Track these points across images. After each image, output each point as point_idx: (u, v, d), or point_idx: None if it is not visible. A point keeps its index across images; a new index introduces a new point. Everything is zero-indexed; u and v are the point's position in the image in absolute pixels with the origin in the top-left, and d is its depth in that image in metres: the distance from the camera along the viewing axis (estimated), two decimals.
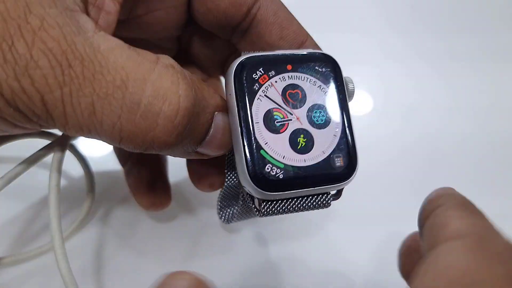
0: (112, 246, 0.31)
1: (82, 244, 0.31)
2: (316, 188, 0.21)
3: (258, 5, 0.23)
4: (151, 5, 0.23)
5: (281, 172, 0.20)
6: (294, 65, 0.21)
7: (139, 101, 0.17)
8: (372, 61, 0.44)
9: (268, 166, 0.20)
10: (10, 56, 0.17)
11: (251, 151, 0.20)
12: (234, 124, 0.20)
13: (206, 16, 0.24)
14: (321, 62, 0.22)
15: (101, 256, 0.31)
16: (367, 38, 0.45)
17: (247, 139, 0.20)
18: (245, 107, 0.20)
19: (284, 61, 0.21)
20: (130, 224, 0.33)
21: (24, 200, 0.32)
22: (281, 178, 0.20)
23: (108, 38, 0.18)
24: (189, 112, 0.18)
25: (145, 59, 0.18)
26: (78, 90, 0.17)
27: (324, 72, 0.22)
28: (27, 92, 0.17)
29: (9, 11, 0.17)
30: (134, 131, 0.18)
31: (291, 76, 0.21)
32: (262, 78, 0.21)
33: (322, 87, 0.21)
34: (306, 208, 0.22)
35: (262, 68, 0.21)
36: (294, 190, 0.20)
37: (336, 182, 0.21)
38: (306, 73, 0.21)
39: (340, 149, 0.21)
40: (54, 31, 0.17)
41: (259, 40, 0.24)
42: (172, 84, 0.18)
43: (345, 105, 0.22)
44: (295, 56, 0.22)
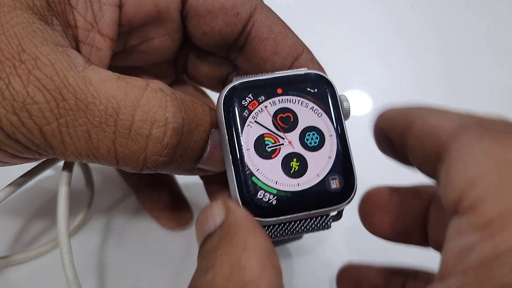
0: (111, 247, 0.32)
1: (82, 243, 0.32)
2: (312, 212, 0.20)
3: (253, 21, 0.23)
4: (145, 34, 0.24)
5: (274, 197, 0.20)
6: (284, 88, 0.21)
7: (130, 126, 0.19)
8: (372, 61, 0.43)
9: (260, 193, 0.20)
10: (7, 94, 0.18)
11: (243, 178, 0.20)
12: (225, 152, 0.21)
13: (202, 39, 0.24)
14: (313, 82, 0.21)
15: (100, 256, 0.31)
16: (367, 38, 0.45)
17: (238, 167, 0.20)
18: (235, 135, 0.20)
19: (274, 85, 0.21)
20: (128, 224, 0.33)
21: (30, 200, 0.33)
22: (274, 204, 0.20)
23: (98, 71, 0.19)
24: (178, 132, 0.19)
25: (134, 86, 0.19)
26: (73, 120, 0.18)
27: (316, 92, 0.21)
28: (26, 125, 0.18)
29: (3, 51, 0.18)
30: (127, 153, 0.19)
31: (281, 99, 0.21)
32: (252, 104, 0.21)
33: (314, 108, 0.21)
34: (305, 231, 0.21)
35: (252, 94, 0.21)
36: (288, 216, 0.20)
37: (333, 205, 0.21)
38: (297, 95, 0.21)
39: (335, 170, 0.21)
40: (47, 69, 0.18)
41: (254, 56, 0.24)
42: (160, 107, 0.19)
43: (340, 125, 0.21)
44: (286, 78, 0.21)
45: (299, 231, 0.21)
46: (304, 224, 0.21)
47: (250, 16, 0.23)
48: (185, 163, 0.21)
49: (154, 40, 0.24)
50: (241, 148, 0.20)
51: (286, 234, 0.21)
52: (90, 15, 0.21)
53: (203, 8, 0.23)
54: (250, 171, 0.20)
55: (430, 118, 0.17)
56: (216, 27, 0.23)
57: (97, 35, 0.22)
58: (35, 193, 0.33)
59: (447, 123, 0.16)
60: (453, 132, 0.16)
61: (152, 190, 0.31)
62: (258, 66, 0.24)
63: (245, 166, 0.20)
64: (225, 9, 0.23)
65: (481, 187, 0.14)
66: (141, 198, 0.32)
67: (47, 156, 0.20)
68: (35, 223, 0.32)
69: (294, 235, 0.22)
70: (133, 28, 0.23)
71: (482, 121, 0.16)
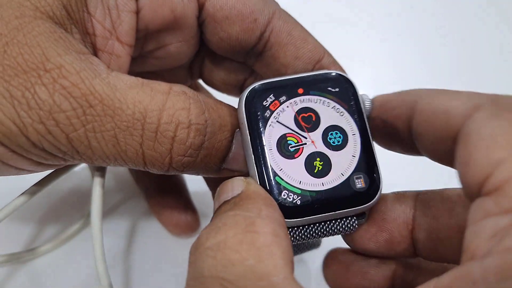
0: (120, 248, 0.32)
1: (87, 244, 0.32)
2: (338, 212, 0.20)
3: (271, 27, 0.23)
4: (161, 40, 0.24)
5: (298, 197, 0.20)
6: (305, 88, 0.21)
7: (156, 129, 0.19)
8: (372, 62, 0.44)
9: (284, 193, 0.20)
10: (33, 103, 0.18)
11: (266, 178, 0.20)
12: (248, 153, 0.21)
13: (219, 45, 0.24)
14: (334, 82, 0.21)
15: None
16: (368, 39, 0.45)
17: (261, 167, 0.20)
18: (257, 135, 0.20)
19: (294, 85, 0.21)
20: (135, 221, 0.33)
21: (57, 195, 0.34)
22: (299, 204, 0.20)
23: (122, 77, 0.20)
24: (200, 133, 0.20)
25: (158, 91, 0.20)
26: (100, 126, 0.19)
27: (337, 92, 0.21)
28: (52, 133, 0.18)
29: (27, 61, 0.18)
30: (155, 155, 0.20)
31: (303, 99, 0.21)
32: (273, 105, 0.21)
33: (336, 107, 0.21)
34: (331, 233, 0.21)
35: (273, 94, 0.21)
36: (313, 216, 0.20)
37: (359, 205, 0.20)
38: (319, 95, 0.21)
39: (360, 169, 0.20)
40: (72, 77, 0.18)
41: (274, 62, 0.24)
42: (183, 109, 0.20)
43: (362, 124, 0.21)
44: (306, 79, 0.22)
45: (324, 233, 0.21)
46: (330, 226, 0.21)
47: (268, 22, 0.23)
48: (210, 163, 0.21)
49: (171, 46, 0.24)
50: (264, 148, 0.20)
51: (311, 236, 0.21)
52: (109, 23, 0.21)
53: (220, 14, 0.23)
54: (273, 170, 0.20)
55: (437, 99, 0.17)
56: (233, 33, 0.23)
57: (116, 42, 0.22)
58: (53, 192, 0.33)
59: (458, 102, 0.16)
60: (466, 111, 0.15)
61: (162, 194, 0.31)
62: (278, 72, 0.24)
63: (268, 166, 0.20)
64: (242, 15, 0.23)
65: (507, 168, 0.13)
66: (150, 202, 0.32)
67: (73, 162, 0.20)
68: (53, 221, 0.33)
69: (320, 237, 0.21)
70: (150, 34, 0.23)
71: (495, 99, 0.15)
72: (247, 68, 0.26)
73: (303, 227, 0.21)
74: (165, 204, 0.31)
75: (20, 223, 0.32)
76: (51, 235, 0.32)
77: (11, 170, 0.20)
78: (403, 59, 0.43)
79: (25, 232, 0.32)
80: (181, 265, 0.31)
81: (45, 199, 0.33)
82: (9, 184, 0.27)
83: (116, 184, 0.34)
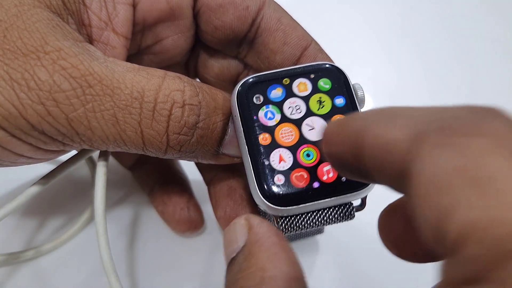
0: (120, 243, 0.32)
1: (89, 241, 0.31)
2: (334, 199, 0.20)
3: (262, 14, 0.24)
4: (159, 34, 0.24)
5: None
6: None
7: (153, 108, 0.20)
8: (372, 62, 0.44)
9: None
10: (33, 84, 0.18)
11: (260, 167, 0.20)
12: (242, 145, 0.21)
13: (214, 34, 0.25)
14: (326, 72, 0.22)
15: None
16: (367, 39, 0.45)
17: (255, 156, 0.20)
18: (250, 127, 0.21)
19: (286, 77, 0.22)
20: (136, 221, 0.33)
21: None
22: (294, 192, 0.20)
23: (118, 62, 0.20)
24: (194, 112, 0.21)
25: (154, 75, 0.20)
26: (100, 105, 0.19)
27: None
28: (52, 114, 0.18)
29: (27, 45, 0.18)
30: (152, 133, 0.20)
31: None
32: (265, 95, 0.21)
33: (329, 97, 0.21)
34: (328, 222, 0.21)
35: (265, 86, 0.21)
36: (309, 203, 0.20)
37: (354, 190, 0.20)
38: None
39: None
40: (71, 59, 0.18)
41: (264, 48, 0.25)
42: (178, 90, 0.20)
43: (355, 112, 0.21)
44: (298, 70, 0.22)
45: (322, 222, 0.21)
46: (327, 214, 0.21)
47: (259, 10, 0.24)
48: (207, 145, 0.22)
49: (168, 40, 0.25)
50: (257, 138, 0.21)
51: (309, 225, 0.21)
52: (105, 14, 0.22)
53: (214, 2, 0.24)
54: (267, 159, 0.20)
55: (380, 129, 0.13)
56: (227, 21, 0.24)
57: (111, 33, 0.22)
58: (54, 188, 0.33)
59: (399, 131, 0.12)
60: (408, 143, 0.12)
61: (165, 193, 0.31)
62: (268, 59, 0.25)
63: (261, 154, 0.20)
64: (235, 3, 0.24)
65: (460, 220, 0.10)
66: (154, 201, 0.32)
67: (72, 147, 0.20)
68: (53, 218, 0.32)
69: (317, 226, 0.21)
70: (147, 27, 0.24)
71: (441, 118, 0.12)
72: (240, 63, 0.27)
73: (301, 215, 0.21)
74: (168, 202, 0.30)
75: (22, 222, 0.32)
76: (54, 233, 0.31)
77: (10, 155, 0.19)
78: (403, 59, 0.44)
79: (28, 231, 0.31)
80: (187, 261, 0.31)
81: (46, 198, 0.33)
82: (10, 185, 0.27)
83: (118, 180, 0.34)
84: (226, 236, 0.18)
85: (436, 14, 0.47)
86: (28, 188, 0.23)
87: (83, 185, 0.33)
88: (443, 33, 0.46)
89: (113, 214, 0.32)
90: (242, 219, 0.17)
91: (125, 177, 0.34)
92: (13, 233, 0.31)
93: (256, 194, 0.20)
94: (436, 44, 0.45)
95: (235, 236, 0.17)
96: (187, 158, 0.22)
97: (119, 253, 0.31)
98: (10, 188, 0.32)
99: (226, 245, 0.18)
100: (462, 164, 0.10)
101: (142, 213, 0.33)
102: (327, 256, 0.31)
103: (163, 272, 0.31)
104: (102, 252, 0.22)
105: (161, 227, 0.32)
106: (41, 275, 0.30)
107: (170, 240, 0.32)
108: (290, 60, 0.25)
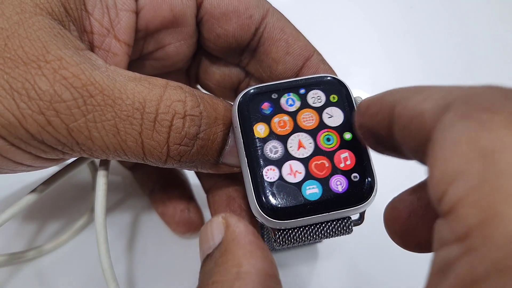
0: (119, 245, 0.32)
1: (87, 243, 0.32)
2: (332, 213, 0.20)
3: (265, 23, 0.24)
4: (161, 40, 0.24)
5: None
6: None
7: (154, 119, 0.20)
8: (372, 62, 0.44)
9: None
10: (33, 94, 0.18)
11: (259, 180, 0.20)
12: (241, 156, 0.21)
13: (216, 42, 0.24)
14: (327, 85, 0.22)
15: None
16: (367, 39, 0.45)
17: (254, 169, 0.20)
18: (250, 138, 0.21)
19: (288, 89, 0.21)
20: (135, 223, 0.33)
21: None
22: (292, 206, 0.20)
23: (120, 71, 0.20)
24: (195, 123, 0.21)
25: (156, 85, 0.20)
26: (101, 115, 0.19)
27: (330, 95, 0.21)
28: (52, 124, 0.18)
29: (28, 53, 0.18)
30: (153, 144, 0.20)
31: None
32: (266, 108, 0.21)
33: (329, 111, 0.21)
34: (326, 236, 0.21)
35: (266, 98, 0.21)
36: (307, 217, 0.20)
37: (353, 205, 0.20)
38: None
39: (355, 171, 0.20)
40: (73, 68, 0.18)
41: (266, 58, 0.25)
42: (179, 101, 0.20)
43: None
44: (299, 82, 0.22)
45: (319, 235, 0.21)
46: (325, 228, 0.21)
47: (263, 19, 0.24)
48: (208, 155, 0.22)
49: (170, 46, 0.24)
50: (257, 150, 0.20)
51: (306, 239, 0.21)
52: (107, 21, 0.22)
53: (217, 11, 0.23)
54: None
55: (410, 101, 0.14)
56: (230, 29, 0.24)
57: (113, 40, 0.22)
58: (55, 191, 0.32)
59: (429, 103, 0.14)
60: (436, 113, 0.13)
61: (165, 193, 0.31)
62: (270, 68, 0.25)
63: (261, 167, 0.20)
64: (238, 12, 0.23)
65: (461, 184, 0.11)
66: (154, 203, 0.32)
67: (71, 155, 0.20)
68: (54, 220, 0.32)
69: (315, 240, 0.21)
70: (149, 34, 0.24)
71: (469, 95, 0.13)
72: (241, 70, 0.27)
73: (299, 229, 0.20)
74: (168, 203, 0.31)
75: (23, 222, 0.32)
76: (55, 234, 0.32)
77: (9, 164, 0.19)
78: (403, 59, 0.44)
79: (29, 232, 0.31)
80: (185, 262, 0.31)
81: (47, 199, 0.33)
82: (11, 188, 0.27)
83: (117, 182, 0.34)
84: (203, 233, 0.18)
85: (437, 14, 0.47)
86: (28, 194, 0.23)
87: (84, 187, 0.34)
88: (444, 33, 0.46)
89: (112, 215, 0.32)
90: (220, 217, 0.18)
91: (125, 179, 0.34)
92: (15, 234, 0.31)
93: (254, 206, 0.20)
94: (437, 44, 0.45)
95: (211, 233, 0.18)
96: (187, 167, 0.22)
97: (118, 255, 0.31)
98: (11, 192, 0.33)
99: (203, 241, 0.18)
100: (476, 136, 0.11)
101: (142, 215, 0.33)
102: (327, 262, 0.32)
103: (162, 274, 0.31)
104: (103, 260, 0.22)
105: (161, 229, 0.32)
106: (42, 275, 0.30)
107: (170, 242, 0.32)
108: (292, 70, 0.24)
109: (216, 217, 0.18)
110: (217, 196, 0.26)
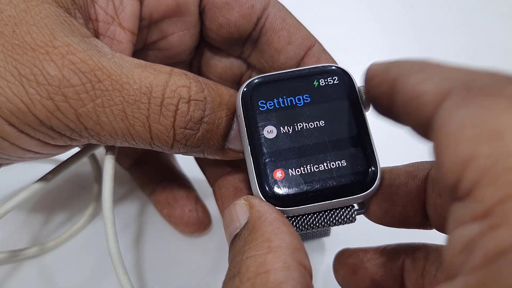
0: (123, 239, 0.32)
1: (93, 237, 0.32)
2: (334, 201, 0.20)
3: (267, 13, 0.24)
4: (164, 29, 0.24)
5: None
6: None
7: (161, 103, 0.20)
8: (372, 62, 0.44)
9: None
10: (42, 79, 0.18)
11: (262, 168, 0.20)
12: (245, 144, 0.21)
13: (219, 32, 0.25)
14: (331, 75, 0.22)
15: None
16: (367, 38, 0.46)
17: (257, 157, 0.20)
18: (254, 128, 0.21)
19: (291, 79, 0.21)
20: (140, 218, 0.33)
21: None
22: (294, 193, 0.20)
23: (126, 58, 0.20)
24: (200, 108, 0.21)
25: (161, 71, 0.21)
26: (109, 100, 0.19)
27: (333, 85, 0.21)
28: (61, 109, 0.18)
29: (35, 40, 0.18)
30: (160, 128, 0.20)
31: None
32: (270, 97, 0.21)
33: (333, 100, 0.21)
34: (329, 224, 0.21)
35: (269, 87, 0.21)
36: (309, 205, 0.20)
37: (356, 193, 0.20)
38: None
39: (357, 159, 0.20)
40: (80, 54, 0.18)
41: (268, 47, 0.25)
42: (184, 86, 0.21)
43: (360, 115, 0.21)
44: (303, 72, 0.22)
45: (322, 224, 0.21)
46: (328, 217, 0.21)
47: (264, 9, 0.24)
48: (213, 139, 0.22)
49: (173, 36, 0.25)
50: (260, 139, 0.20)
51: (309, 227, 0.21)
52: (111, 8, 0.22)
53: (220, 0, 0.24)
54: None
55: (412, 79, 0.15)
56: (232, 19, 0.24)
57: (117, 28, 0.22)
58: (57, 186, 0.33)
59: (430, 85, 0.14)
60: (437, 97, 0.14)
61: (170, 193, 0.31)
62: (272, 58, 0.25)
63: (264, 155, 0.20)
64: (240, 1, 0.24)
65: (476, 167, 0.12)
66: (158, 204, 0.31)
67: (79, 142, 0.20)
68: (56, 216, 0.32)
69: (318, 228, 0.21)
70: (153, 23, 0.24)
71: (468, 80, 0.13)
72: (243, 62, 0.27)
73: (302, 217, 0.21)
74: (174, 204, 0.30)
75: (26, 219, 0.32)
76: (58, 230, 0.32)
77: (18, 151, 0.19)
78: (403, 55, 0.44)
79: (31, 228, 0.31)
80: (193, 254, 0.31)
81: (49, 196, 0.33)
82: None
83: (123, 175, 0.34)
84: (227, 216, 0.19)
85: (437, 13, 0.48)
86: (31, 184, 0.23)
87: (85, 182, 0.34)
88: (444, 33, 0.46)
89: (118, 210, 0.32)
90: (242, 199, 0.19)
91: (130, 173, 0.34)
92: (17, 230, 0.31)
93: (257, 193, 0.20)
94: (437, 44, 0.45)
95: (236, 215, 0.19)
96: (194, 153, 0.22)
97: (126, 246, 0.31)
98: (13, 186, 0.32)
99: (228, 224, 0.19)
100: (481, 120, 0.12)
101: (147, 210, 0.33)
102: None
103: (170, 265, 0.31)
104: (110, 245, 0.22)
105: (165, 223, 0.32)
106: (45, 272, 0.30)
107: (176, 236, 0.32)
108: (293, 60, 0.25)
109: (238, 199, 0.19)
110: (223, 189, 0.27)
